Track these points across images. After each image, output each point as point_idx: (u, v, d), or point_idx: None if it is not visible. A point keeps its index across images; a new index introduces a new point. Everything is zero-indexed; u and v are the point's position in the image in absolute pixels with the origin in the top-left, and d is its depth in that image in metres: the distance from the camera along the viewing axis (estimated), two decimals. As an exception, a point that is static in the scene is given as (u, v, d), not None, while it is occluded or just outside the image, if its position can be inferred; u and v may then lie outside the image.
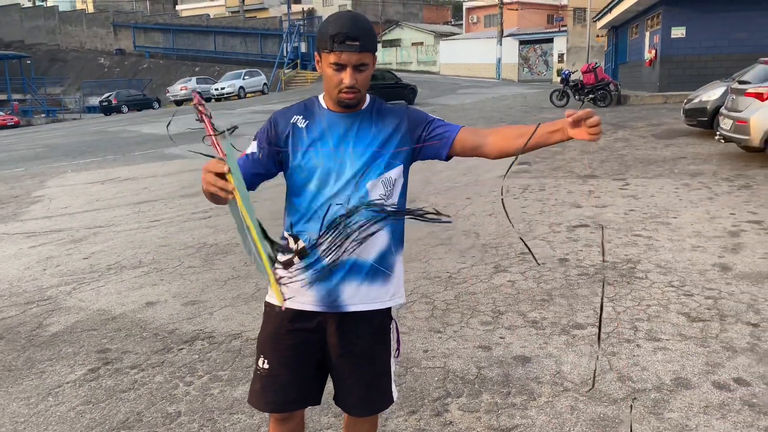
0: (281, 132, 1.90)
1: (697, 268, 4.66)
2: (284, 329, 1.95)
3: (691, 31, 18.40)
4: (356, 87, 1.80)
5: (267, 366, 1.97)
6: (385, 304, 1.96)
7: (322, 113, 1.91)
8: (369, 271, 1.89)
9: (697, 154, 9.61)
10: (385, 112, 1.95)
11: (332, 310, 1.90)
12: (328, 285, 1.88)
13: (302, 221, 1.89)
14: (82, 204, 8.91)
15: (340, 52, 1.75)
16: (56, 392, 3.35)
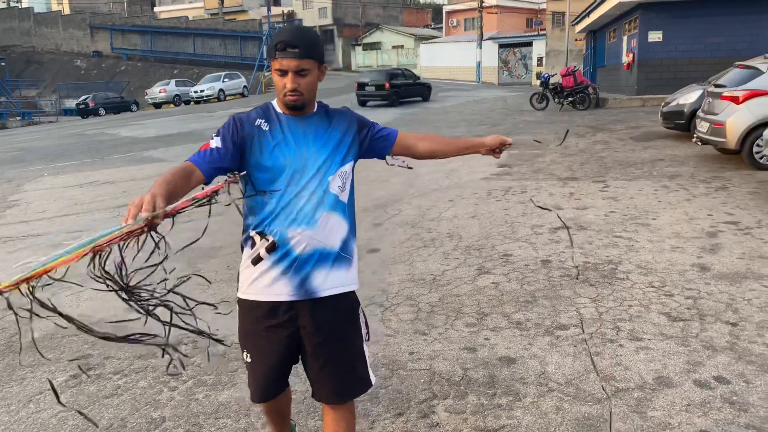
0: (248, 134, 2.02)
1: (677, 268, 4.73)
2: (260, 325, 2.09)
3: (667, 35, 18.68)
4: (298, 90, 1.99)
5: (250, 360, 2.14)
6: (350, 288, 2.14)
7: (280, 117, 2.08)
8: (335, 258, 2.06)
9: (675, 156, 9.76)
10: (335, 114, 2.18)
11: (305, 297, 2.04)
12: (300, 275, 2.02)
13: (269, 218, 2.01)
14: (61, 208, 8.79)
15: (282, 58, 1.95)
16: (37, 399, 3.30)
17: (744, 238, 5.38)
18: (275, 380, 2.17)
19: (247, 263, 2.07)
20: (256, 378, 2.16)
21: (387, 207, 7.44)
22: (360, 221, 6.90)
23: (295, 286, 2.03)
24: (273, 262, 2.01)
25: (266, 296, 2.05)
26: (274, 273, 2.02)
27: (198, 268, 5.46)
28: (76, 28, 53.62)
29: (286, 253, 2.00)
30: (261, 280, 2.04)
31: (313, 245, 2.01)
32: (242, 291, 2.13)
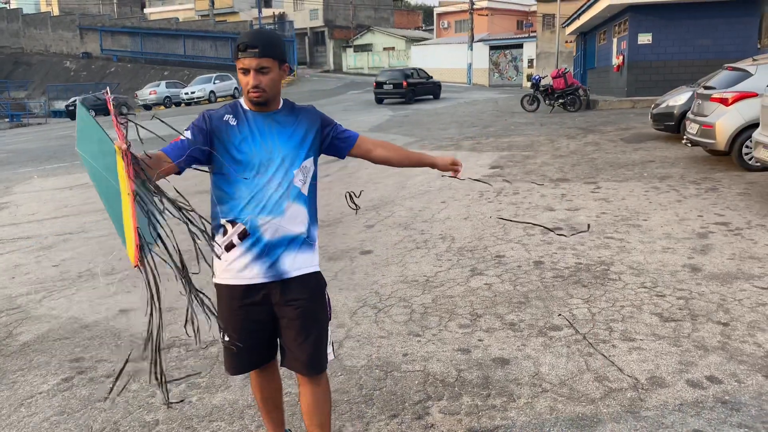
0: (216, 127, 2.20)
1: (668, 269, 4.76)
2: (236, 305, 2.27)
3: (657, 37, 18.82)
4: (261, 87, 2.16)
5: (228, 339, 2.27)
6: (315, 268, 2.35)
7: (246, 113, 2.25)
8: (301, 243, 2.28)
9: (665, 157, 9.82)
10: (300, 111, 2.36)
11: (277, 279, 2.24)
12: (271, 259, 2.22)
13: (239, 207, 2.20)
14: (51, 210, 8.73)
15: (244, 58, 2.13)
16: (29, 403, 3.27)
17: (734, 239, 5.42)
18: (258, 353, 2.37)
19: (221, 250, 2.22)
20: (240, 354, 2.27)
21: (379, 209, 7.44)
22: (352, 223, 6.93)
23: (266, 268, 2.23)
24: (245, 248, 2.21)
25: (241, 280, 2.24)
26: (247, 258, 2.21)
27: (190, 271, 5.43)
28: (65, 29, 53.30)
29: (257, 240, 2.20)
30: (234, 265, 2.23)
31: (282, 232, 2.22)
32: (218, 276, 2.29)
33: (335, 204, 7.85)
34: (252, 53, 2.12)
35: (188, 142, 2.14)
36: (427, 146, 12.77)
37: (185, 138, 2.15)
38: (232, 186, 2.19)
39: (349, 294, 4.61)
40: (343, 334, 3.89)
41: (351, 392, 3.17)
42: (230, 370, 2.43)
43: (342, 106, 24.91)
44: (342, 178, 9.77)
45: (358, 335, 3.86)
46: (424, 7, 77.12)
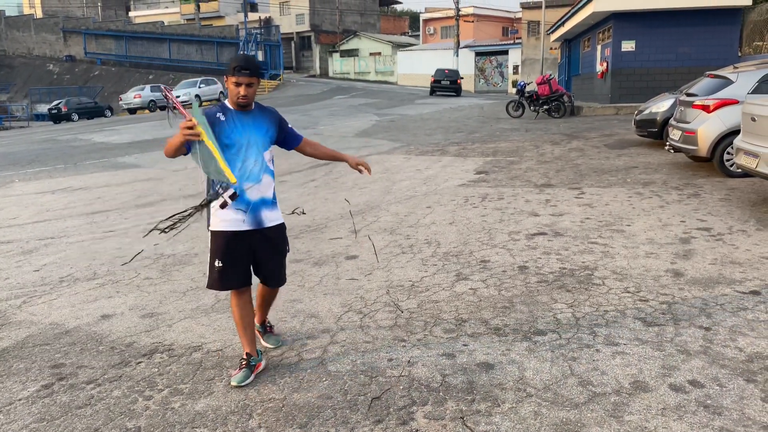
0: (211, 123, 3.13)
1: (652, 274, 4.80)
2: (230, 243, 3.31)
3: (640, 44, 19.03)
4: (248, 96, 3.22)
5: (221, 265, 3.31)
6: (281, 220, 3.49)
7: (231, 112, 3.29)
8: (270, 203, 3.40)
9: (648, 163, 9.91)
10: (266, 111, 3.44)
11: (258, 227, 3.34)
12: (254, 213, 3.32)
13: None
14: (32, 215, 8.62)
15: (239, 76, 3.17)
16: (8, 410, 3.22)
17: (716, 244, 5.47)
18: (243, 274, 3.38)
19: (216, 208, 3.27)
20: (229, 278, 3.33)
21: (365, 214, 7.44)
22: (338, 228, 6.91)
23: (251, 220, 3.31)
24: (235, 206, 3.27)
25: (234, 227, 3.29)
26: (237, 213, 3.28)
27: (172, 276, 5.39)
28: (48, 32, 52.80)
29: (244, 200, 3.27)
30: (228, 218, 3.28)
31: (260, 194, 3.32)
32: (215, 226, 3.31)
33: (321, 209, 7.84)
34: (245, 73, 3.17)
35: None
36: (413, 151, 12.80)
37: None
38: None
39: (335, 299, 4.60)
40: (327, 339, 3.87)
41: (335, 398, 3.15)
42: (219, 287, 3.38)
43: (328, 111, 24.89)
44: (328, 183, 9.75)
45: (343, 340, 3.85)
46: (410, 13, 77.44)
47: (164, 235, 3.42)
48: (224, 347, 3.85)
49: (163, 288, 5.09)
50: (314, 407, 3.07)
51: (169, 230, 3.29)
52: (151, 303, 4.74)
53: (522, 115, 19.62)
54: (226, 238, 3.28)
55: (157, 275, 5.45)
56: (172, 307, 4.62)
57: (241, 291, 3.40)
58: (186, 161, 4.29)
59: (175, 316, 4.44)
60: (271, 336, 3.88)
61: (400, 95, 34.45)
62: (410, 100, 30.09)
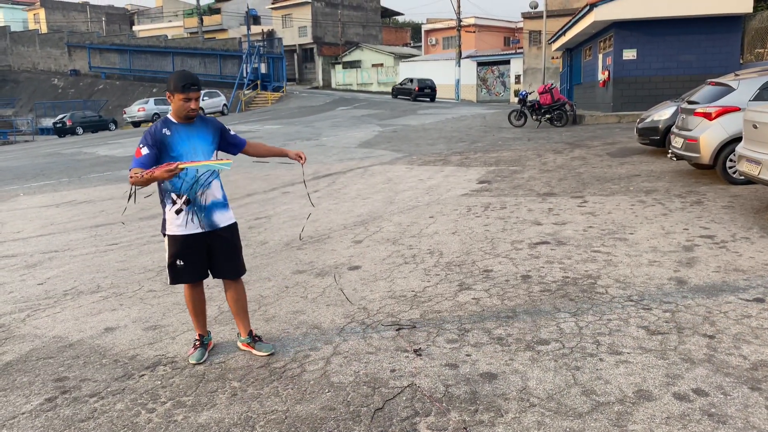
0: (159, 140, 3.51)
1: (655, 282, 4.78)
2: (186, 245, 3.64)
3: (641, 53, 19.07)
4: (196, 109, 3.56)
5: (182, 263, 3.67)
6: (233, 220, 3.81)
7: (176, 126, 3.59)
8: (222, 205, 3.73)
9: (651, 171, 9.91)
10: (208, 121, 3.75)
11: (212, 228, 3.68)
12: (207, 216, 3.65)
13: (181, 185, 3.56)
14: (36, 228, 8.66)
15: (191, 92, 3.49)
16: (11, 424, 3.22)
17: (719, 252, 5.46)
18: (200, 271, 3.76)
19: (172, 213, 3.60)
20: (188, 272, 3.71)
21: (368, 224, 7.45)
22: (340, 238, 6.92)
23: (205, 223, 3.65)
24: (189, 211, 3.60)
25: (190, 230, 3.62)
26: (191, 217, 3.61)
27: (176, 289, 5.40)
28: (53, 46, 53.21)
29: (197, 205, 3.62)
30: (183, 222, 3.61)
31: (210, 198, 3.65)
32: (171, 230, 3.64)
33: (323, 220, 7.85)
34: (194, 89, 3.50)
35: (151, 157, 3.46)
36: (416, 161, 12.83)
37: (148, 153, 3.46)
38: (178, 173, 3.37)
39: (337, 310, 4.60)
40: (330, 350, 3.87)
41: (338, 409, 3.15)
42: (179, 281, 3.75)
43: (331, 122, 24.98)
44: (331, 193, 9.77)
45: (346, 351, 3.84)
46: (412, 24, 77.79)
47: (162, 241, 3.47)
48: (227, 359, 3.85)
49: (167, 300, 5.09)
50: (317, 419, 3.07)
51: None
52: (154, 315, 4.75)
53: (524, 124, 19.65)
54: (183, 241, 3.62)
55: (160, 288, 5.46)
56: (176, 320, 4.62)
57: (195, 284, 3.82)
58: None
59: (179, 328, 4.45)
60: (262, 345, 3.94)
61: (403, 106, 34.53)
62: (412, 111, 30.16)
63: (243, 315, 3.94)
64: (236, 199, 9.87)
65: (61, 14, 62.74)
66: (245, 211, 8.87)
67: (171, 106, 3.55)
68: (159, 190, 3.63)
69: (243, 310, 3.93)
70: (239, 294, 3.90)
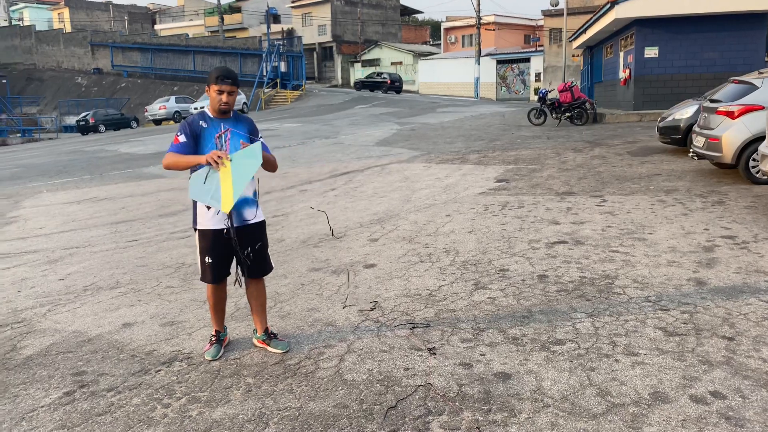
0: (195, 130, 3.64)
1: (673, 282, 4.72)
2: (216, 241, 3.69)
3: (663, 51, 18.82)
4: (230, 103, 3.62)
5: (210, 261, 3.73)
6: (262, 217, 3.87)
7: (213, 120, 3.70)
8: (252, 202, 3.76)
9: (672, 171, 9.78)
10: (242, 118, 3.80)
11: (241, 224, 3.71)
12: (240, 211, 3.68)
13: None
14: (58, 224, 8.79)
15: (223, 84, 3.56)
16: (30, 417, 3.28)
17: (740, 252, 5.37)
18: (226, 268, 3.82)
19: (203, 208, 3.65)
20: (215, 270, 3.75)
21: (384, 222, 7.45)
22: (356, 237, 6.93)
23: (236, 218, 3.67)
24: None
25: (220, 225, 3.67)
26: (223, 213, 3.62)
27: (194, 285, 5.45)
28: (77, 45, 53.97)
29: None
30: (213, 217, 3.66)
31: (242, 195, 3.59)
32: (202, 224, 3.69)
33: (340, 218, 7.87)
34: (228, 82, 3.57)
35: (186, 145, 3.59)
36: (433, 160, 12.80)
37: (185, 141, 3.59)
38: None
39: (352, 308, 4.61)
40: (344, 348, 3.88)
41: (351, 407, 3.16)
42: (210, 280, 3.78)
43: (349, 121, 25.02)
44: (348, 192, 9.79)
45: (360, 349, 3.85)
46: (431, 22, 77.57)
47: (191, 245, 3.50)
48: (242, 355, 3.88)
49: (184, 297, 5.14)
50: (330, 416, 3.08)
51: None
52: (171, 311, 4.80)
53: (544, 122, 19.50)
54: (214, 235, 3.67)
55: (178, 284, 5.52)
56: (192, 316, 4.67)
57: (220, 285, 3.87)
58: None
59: (195, 324, 4.49)
60: (278, 342, 3.97)
61: (421, 104, 34.48)
62: (431, 109, 30.10)
63: (262, 313, 3.97)
64: (254, 197, 9.93)
65: (85, 13, 63.57)
66: (263, 208, 8.91)
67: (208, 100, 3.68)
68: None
69: (262, 308, 3.98)
70: (260, 292, 3.95)
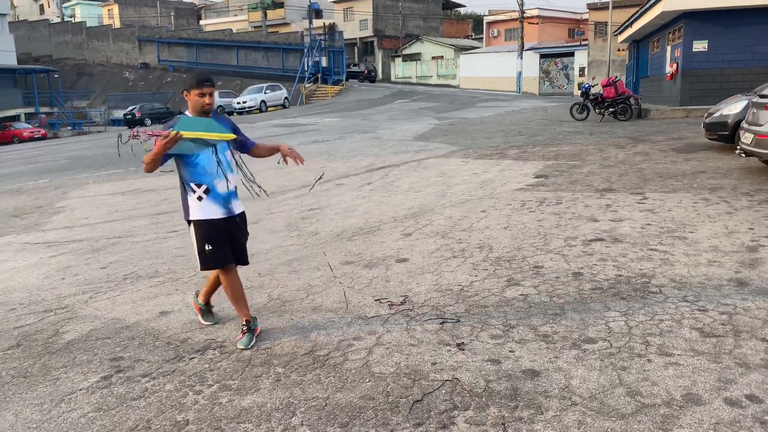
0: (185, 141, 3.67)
1: (713, 283, 4.59)
2: (213, 229, 3.90)
3: (713, 44, 18.23)
4: (211, 104, 3.86)
5: (211, 248, 3.91)
6: (243, 208, 4.11)
7: None
8: (235, 195, 4.01)
9: (718, 168, 9.49)
10: (223, 119, 4.01)
11: (230, 215, 3.96)
12: (226, 203, 3.94)
13: (201, 176, 3.85)
14: (102, 215, 9.06)
15: (206, 87, 3.81)
16: (69, 399, 3.40)
17: (786, 253, 5.18)
18: (230, 254, 3.99)
19: (194, 200, 3.88)
20: (219, 257, 3.93)
21: (418, 217, 7.44)
22: (390, 231, 6.93)
23: (224, 209, 3.93)
24: (210, 198, 3.88)
25: (211, 216, 3.90)
26: (212, 204, 3.89)
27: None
28: (125, 41, 55.41)
29: (215, 193, 3.90)
30: (205, 208, 3.89)
31: (226, 188, 3.91)
32: (195, 215, 3.91)
33: (374, 212, 7.89)
34: (208, 84, 3.83)
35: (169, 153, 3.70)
36: (471, 155, 12.71)
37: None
38: (196, 165, 3.83)
39: (383, 301, 4.62)
40: (373, 341, 3.90)
41: (377, 399, 3.18)
42: (215, 266, 3.99)
43: (388, 115, 25.04)
44: (384, 186, 9.81)
45: (389, 342, 3.87)
46: (473, 16, 76.88)
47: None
48: (273, 345, 3.94)
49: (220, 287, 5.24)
50: (356, 407, 3.11)
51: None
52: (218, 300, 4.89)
53: (587, 118, 19.15)
54: (210, 225, 3.89)
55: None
56: (227, 305, 4.75)
57: (230, 269, 3.99)
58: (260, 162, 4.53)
59: (229, 314, 4.58)
60: (210, 315, 4.42)
61: (462, 98, 34.25)
62: (471, 104, 29.88)
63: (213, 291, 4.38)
64: (292, 190, 10.04)
65: (134, 9, 65.18)
66: (299, 202, 9.02)
67: (188, 105, 3.87)
68: (180, 180, 3.90)
69: (215, 288, 4.34)
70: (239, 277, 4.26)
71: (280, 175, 11.64)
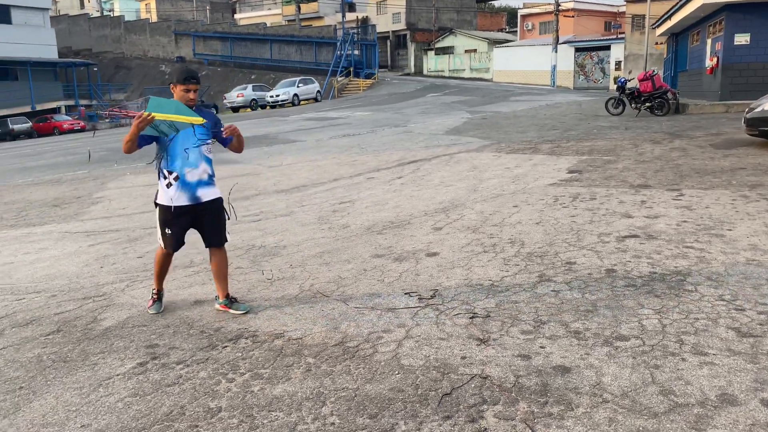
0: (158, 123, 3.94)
1: (751, 282, 4.49)
2: (174, 215, 4.26)
3: (755, 37, 17.72)
4: (195, 99, 4.17)
5: (170, 232, 4.32)
6: (218, 195, 4.42)
7: None
8: (207, 183, 4.32)
9: (758, 164, 9.24)
10: (205, 113, 4.23)
11: (196, 203, 4.28)
12: (193, 191, 4.25)
13: (174, 163, 4.19)
14: (139, 205, 9.26)
15: (191, 84, 4.14)
16: (107, 383, 3.50)
17: (829, 253, 5.04)
18: (182, 240, 4.43)
19: (164, 187, 4.23)
20: (173, 241, 4.37)
21: (449, 211, 7.43)
22: (420, 225, 6.93)
23: (191, 197, 4.24)
24: (178, 186, 4.20)
25: (177, 202, 4.22)
26: (180, 191, 4.21)
27: (262, 266, 5.63)
28: (162, 34, 56.29)
29: (184, 181, 4.20)
30: (173, 194, 4.20)
31: (197, 177, 4.24)
32: (161, 200, 4.26)
33: (405, 206, 7.90)
34: (194, 81, 4.15)
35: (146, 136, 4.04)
36: (504, 149, 12.61)
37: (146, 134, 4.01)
38: (171, 153, 4.16)
39: (412, 295, 4.64)
40: (403, 334, 3.92)
41: (406, 391, 3.20)
42: (169, 249, 4.41)
43: (420, 109, 24.98)
44: (415, 180, 9.81)
45: (418, 335, 3.88)
46: (508, 8, 76.03)
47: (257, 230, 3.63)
48: (304, 336, 3.99)
49: (252, 277, 5.33)
50: (385, 399, 3.13)
51: None
52: (240, 291, 4.98)
53: (622, 112, 18.82)
54: (171, 211, 4.22)
55: (247, 265, 5.72)
56: (259, 296, 4.83)
57: (171, 252, 4.48)
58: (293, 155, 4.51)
59: (262, 304, 4.65)
60: (239, 305, 4.53)
61: (495, 92, 33.96)
62: (504, 97, 29.61)
63: (223, 280, 4.52)
64: (323, 183, 10.11)
65: (170, 4, 66.13)
66: (330, 195, 9.07)
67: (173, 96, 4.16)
68: (156, 166, 4.27)
69: (224, 276, 4.52)
70: (222, 260, 4.51)
71: (312, 169, 11.73)
